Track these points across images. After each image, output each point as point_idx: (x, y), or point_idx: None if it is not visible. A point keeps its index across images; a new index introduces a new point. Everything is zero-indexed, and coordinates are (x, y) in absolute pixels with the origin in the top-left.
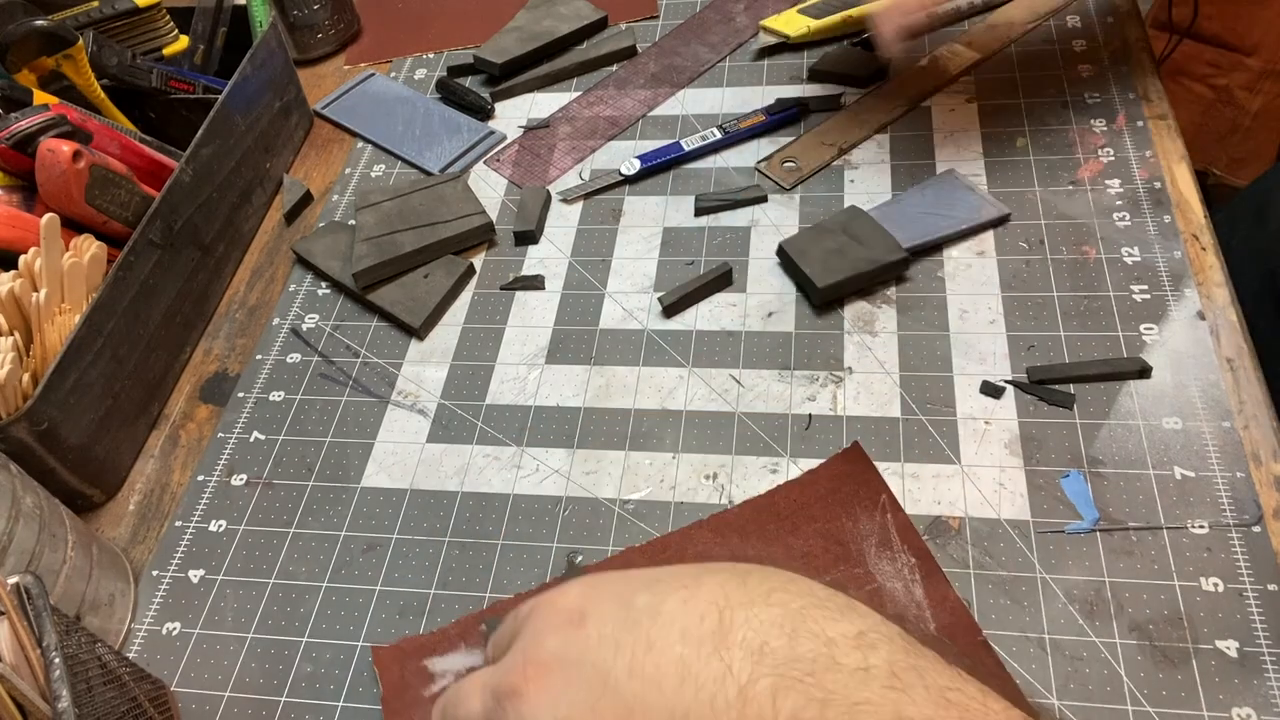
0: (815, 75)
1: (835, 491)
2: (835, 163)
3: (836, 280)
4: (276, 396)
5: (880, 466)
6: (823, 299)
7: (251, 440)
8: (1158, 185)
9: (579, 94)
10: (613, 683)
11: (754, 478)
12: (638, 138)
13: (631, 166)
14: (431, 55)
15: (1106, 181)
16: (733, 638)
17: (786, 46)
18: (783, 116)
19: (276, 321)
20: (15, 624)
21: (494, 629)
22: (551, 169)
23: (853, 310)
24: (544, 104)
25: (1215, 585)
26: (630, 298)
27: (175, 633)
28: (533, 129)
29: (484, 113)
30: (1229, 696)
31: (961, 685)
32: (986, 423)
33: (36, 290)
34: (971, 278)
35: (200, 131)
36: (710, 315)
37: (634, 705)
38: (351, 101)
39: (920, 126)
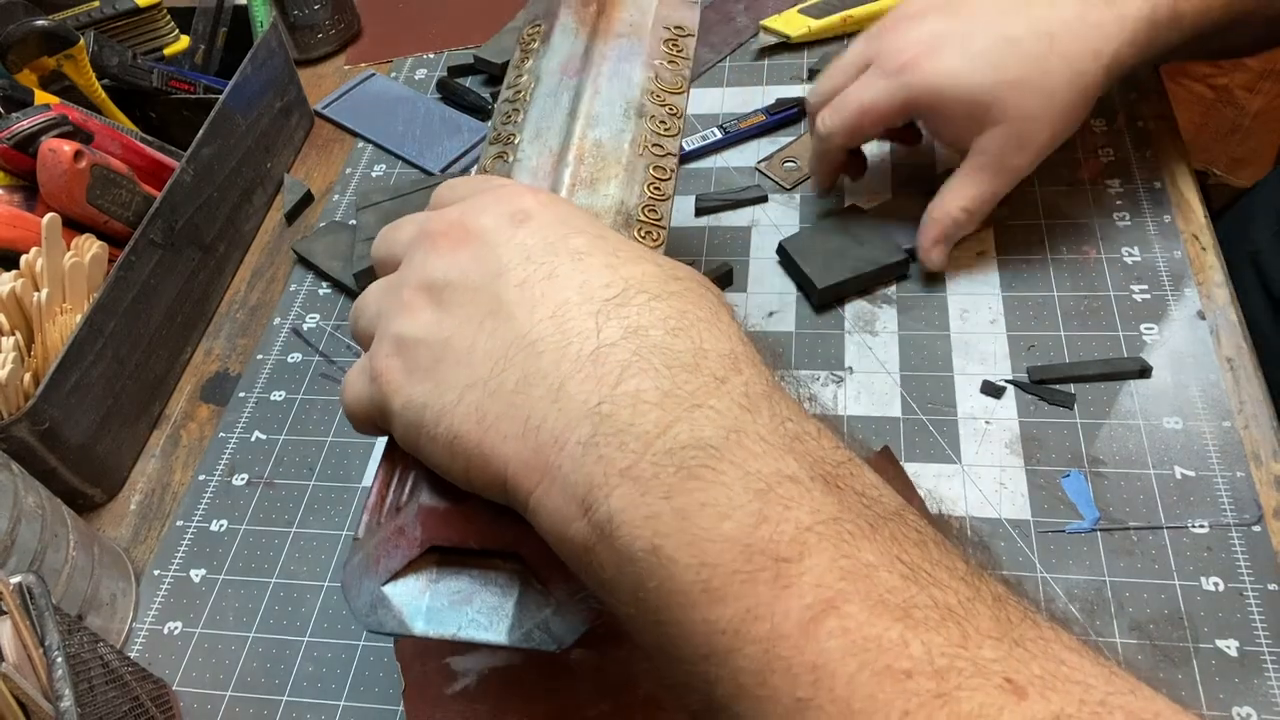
0: (816, 75)
1: None
2: None
3: (837, 281)
4: (278, 396)
5: None
6: (823, 299)
7: (253, 440)
8: (1158, 185)
9: None
10: (500, 281)
11: None
12: None
13: None
14: (432, 55)
15: (1107, 181)
16: (620, 312)
17: (787, 46)
18: (783, 116)
19: (277, 321)
20: (18, 623)
21: None
22: None
23: (853, 310)
24: None
25: (1215, 585)
26: None
27: (177, 632)
28: None
29: (485, 113)
30: (1229, 696)
31: (803, 419)
32: (987, 422)
33: (38, 290)
34: (972, 277)
35: (201, 131)
36: None
37: (500, 310)
38: (352, 101)
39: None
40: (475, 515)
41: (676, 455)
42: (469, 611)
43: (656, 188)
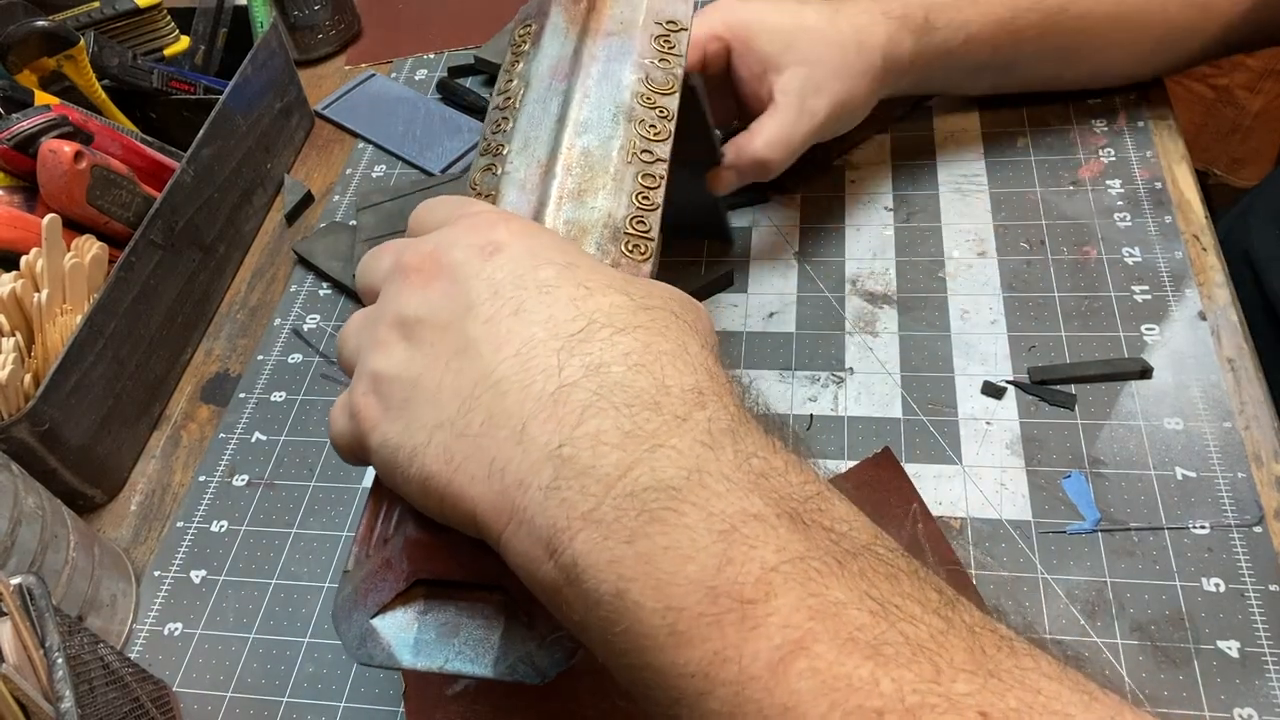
0: None
1: (862, 502)
2: (835, 162)
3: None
4: (278, 397)
5: None
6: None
7: (253, 441)
8: (1158, 185)
9: None
10: (468, 318)
11: None
12: None
13: None
14: (432, 56)
15: (1107, 182)
16: (583, 349)
17: None
18: None
19: (278, 322)
20: (18, 625)
21: None
22: None
23: (854, 310)
24: None
25: (1216, 585)
26: None
27: (177, 633)
28: None
29: (484, 113)
30: (1230, 697)
31: (770, 454)
32: (988, 423)
33: (38, 291)
34: (972, 278)
35: (201, 132)
36: (712, 316)
37: (468, 348)
38: (352, 102)
39: (921, 126)
40: (460, 548)
41: (638, 498)
42: (456, 644)
43: (645, 197)
